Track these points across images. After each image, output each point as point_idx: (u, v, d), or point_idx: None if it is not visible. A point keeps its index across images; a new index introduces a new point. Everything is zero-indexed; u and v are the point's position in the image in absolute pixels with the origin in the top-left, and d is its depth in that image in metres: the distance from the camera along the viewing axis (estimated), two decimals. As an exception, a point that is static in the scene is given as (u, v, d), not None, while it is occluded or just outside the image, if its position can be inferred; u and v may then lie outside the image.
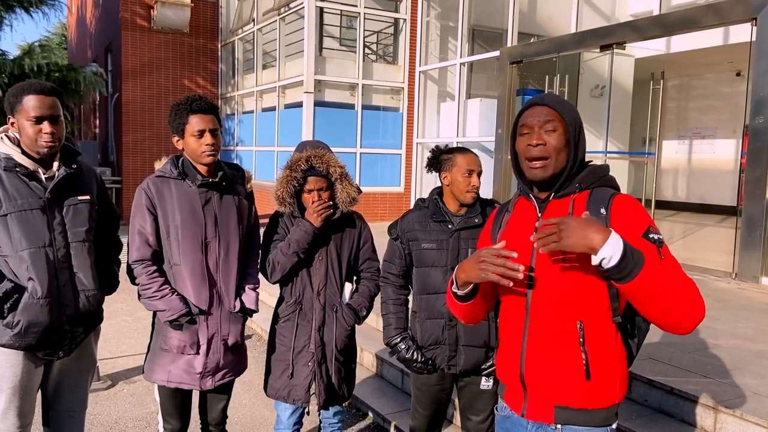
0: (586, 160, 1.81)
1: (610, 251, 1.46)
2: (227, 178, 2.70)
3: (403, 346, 2.72)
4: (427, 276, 2.68)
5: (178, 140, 2.63)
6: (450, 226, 2.66)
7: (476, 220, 2.63)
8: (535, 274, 1.74)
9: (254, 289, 2.81)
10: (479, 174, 2.66)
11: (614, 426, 1.76)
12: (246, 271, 2.80)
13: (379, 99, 12.57)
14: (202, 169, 2.64)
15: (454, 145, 2.89)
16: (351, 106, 12.20)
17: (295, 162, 2.70)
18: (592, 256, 1.49)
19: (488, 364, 2.65)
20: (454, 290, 1.79)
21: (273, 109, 13.33)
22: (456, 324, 2.63)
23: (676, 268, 1.57)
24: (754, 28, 6.40)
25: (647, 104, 10.30)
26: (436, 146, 2.80)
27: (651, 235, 1.61)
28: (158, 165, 2.72)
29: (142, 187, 2.63)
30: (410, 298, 2.84)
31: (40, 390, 2.57)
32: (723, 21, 7.18)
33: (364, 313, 2.89)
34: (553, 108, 1.72)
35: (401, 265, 2.75)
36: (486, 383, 2.69)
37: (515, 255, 1.62)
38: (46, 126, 2.31)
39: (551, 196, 1.76)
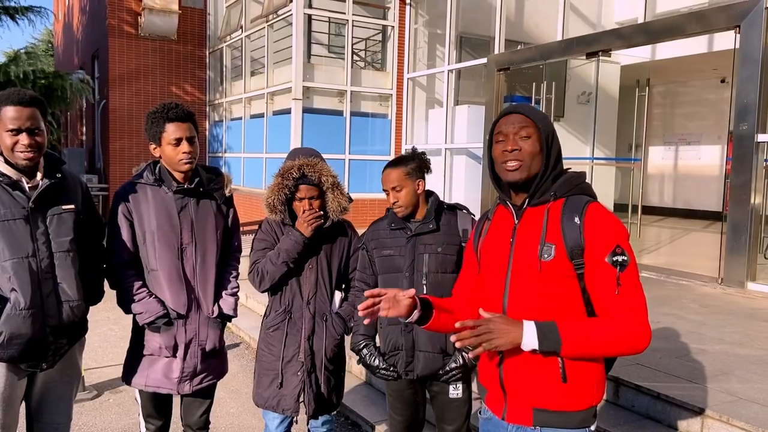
0: (565, 167, 1.85)
1: (530, 344, 1.66)
2: (204, 184, 2.69)
3: (366, 353, 2.76)
4: (388, 282, 2.68)
5: (155, 148, 2.64)
6: (407, 233, 2.68)
7: (431, 226, 2.66)
8: (510, 281, 1.79)
9: (233, 295, 2.80)
10: (396, 189, 2.61)
11: (593, 428, 1.80)
12: (224, 276, 2.80)
13: (368, 106, 12.59)
14: (179, 175, 2.64)
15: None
16: (339, 113, 12.21)
17: (287, 170, 2.70)
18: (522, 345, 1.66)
19: (446, 369, 2.65)
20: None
21: (261, 115, 13.30)
22: (412, 329, 2.66)
23: (625, 303, 1.66)
24: (738, 35, 6.48)
25: (633, 111, 10.38)
26: None
27: (615, 258, 1.67)
28: (136, 171, 2.74)
29: (118, 193, 2.65)
30: None
31: (24, 402, 2.53)
32: (707, 28, 7.27)
33: (353, 324, 2.88)
34: (527, 116, 1.78)
35: (371, 273, 2.79)
36: (454, 392, 2.69)
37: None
38: (23, 138, 2.26)
39: (526, 204, 1.79)
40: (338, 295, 2.89)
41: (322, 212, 2.74)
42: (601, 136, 10.88)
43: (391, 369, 2.70)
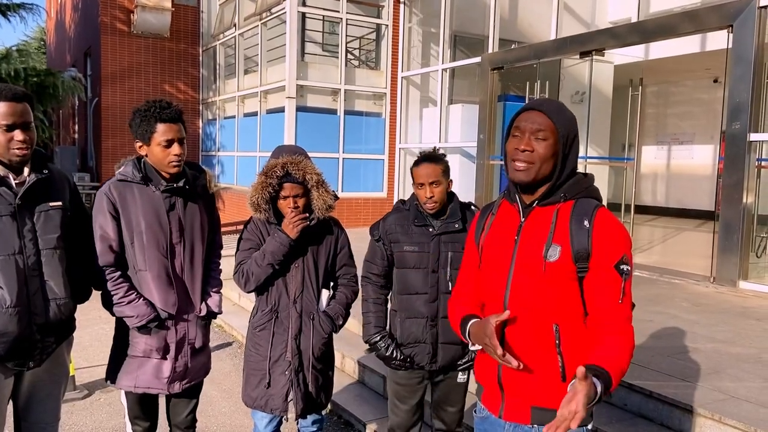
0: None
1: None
2: (190, 182, 2.66)
3: (383, 344, 2.79)
4: (408, 277, 2.75)
5: (142, 146, 2.57)
6: (431, 230, 2.71)
7: (456, 225, 2.70)
8: (513, 278, 1.77)
9: (218, 292, 2.80)
10: (435, 183, 2.66)
11: (590, 426, 1.80)
12: (208, 273, 2.78)
13: (362, 104, 12.57)
14: (166, 173, 2.59)
15: (440, 150, 2.96)
16: (333, 112, 12.18)
17: (270, 168, 2.66)
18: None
19: (464, 360, 2.77)
20: (467, 339, 1.85)
21: (255, 114, 13.27)
22: (437, 324, 2.72)
23: (625, 313, 1.67)
24: (730, 35, 6.50)
25: (626, 110, 10.40)
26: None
27: (622, 266, 1.67)
28: (118, 168, 2.67)
29: (103, 191, 2.56)
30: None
31: (11, 401, 2.50)
32: (700, 28, 7.29)
33: (341, 322, 2.88)
34: (549, 117, 1.72)
35: (383, 265, 2.81)
36: (462, 377, 2.83)
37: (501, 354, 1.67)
38: (18, 134, 2.25)
39: (536, 203, 1.77)
40: (325, 294, 2.87)
41: (308, 213, 2.70)
42: (594, 136, 10.89)
43: (408, 360, 2.77)
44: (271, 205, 2.70)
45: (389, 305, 2.89)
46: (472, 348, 1.85)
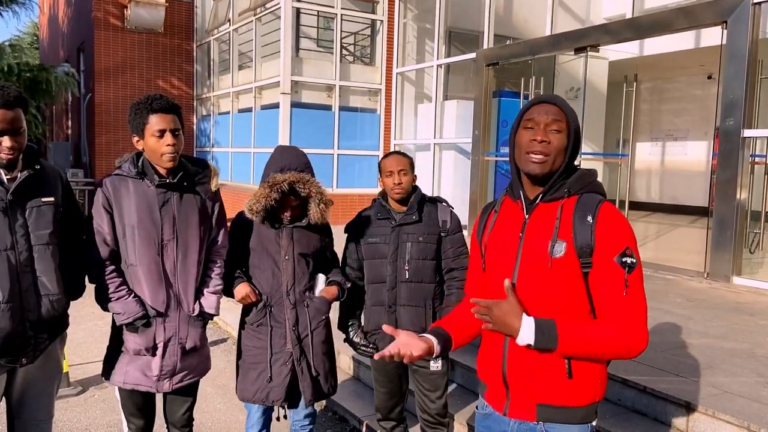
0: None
1: (525, 339, 1.67)
2: (188, 178, 2.61)
3: (351, 331, 3.06)
4: (373, 267, 2.98)
5: (138, 140, 2.55)
6: (392, 223, 2.92)
7: (414, 217, 2.92)
8: (519, 275, 1.77)
9: (215, 293, 2.74)
10: (403, 172, 2.89)
11: (594, 423, 1.80)
12: (207, 273, 2.73)
13: (357, 100, 12.53)
14: (162, 169, 2.56)
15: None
16: (328, 108, 12.15)
17: (277, 183, 2.67)
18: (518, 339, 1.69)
19: None
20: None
21: (249, 110, 13.22)
22: (395, 311, 2.92)
23: (633, 305, 1.66)
24: (725, 31, 6.51)
25: (621, 106, 10.41)
26: None
27: (625, 259, 1.66)
28: (119, 163, 2.67)
29: (100, 186, 2.58)
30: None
31: (4, 398, 2.49)
32: (694, 24, 7.30)
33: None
34: (562, 109, 1.75)
35: (356, 258, 3.04)
36: (434, 365, 2.95)
37: None
38: (6, 140, 2.23)
39: (540, 199, 1.77)
40: (321, 278, 2.90)
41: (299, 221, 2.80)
42: (589, 132, 10.87)
43: (371, 346, 2.97)
44: (266, 210, 2.74)
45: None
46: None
